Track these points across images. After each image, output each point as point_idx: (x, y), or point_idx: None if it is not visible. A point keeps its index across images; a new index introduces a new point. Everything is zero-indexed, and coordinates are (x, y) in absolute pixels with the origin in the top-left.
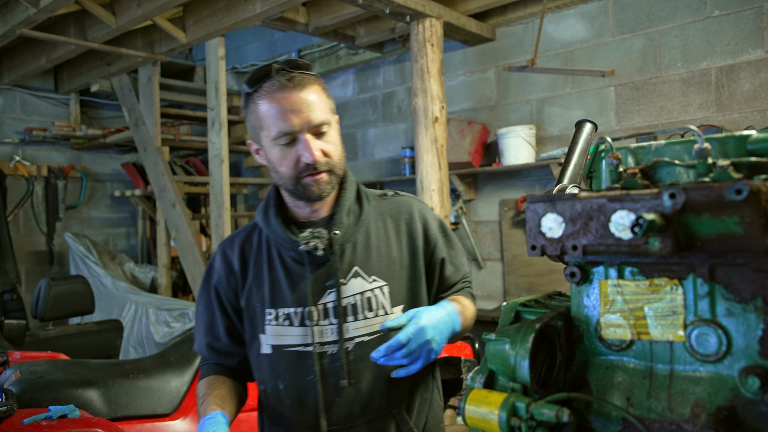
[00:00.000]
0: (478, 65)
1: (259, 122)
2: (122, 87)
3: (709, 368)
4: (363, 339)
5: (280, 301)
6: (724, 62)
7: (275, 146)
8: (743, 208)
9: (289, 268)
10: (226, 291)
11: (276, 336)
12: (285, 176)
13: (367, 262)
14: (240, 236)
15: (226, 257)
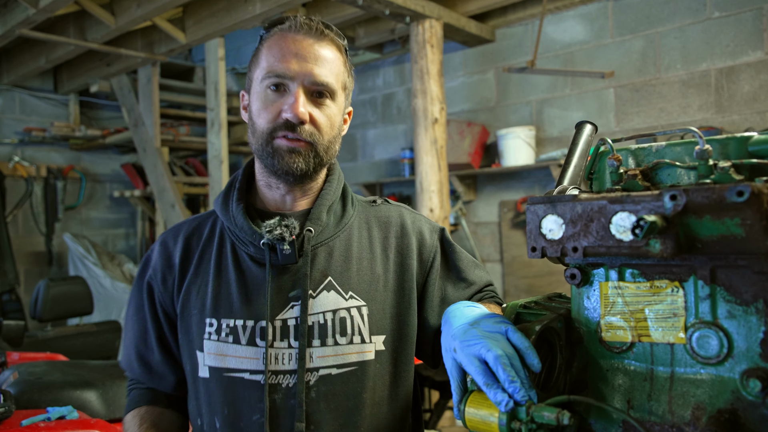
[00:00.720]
0: (478, 66)
1: (256, 62)
2: (122, 87)
3: (710, 371)
4: (330, 372)
5: (226, 310)
6: (724, 64)
7: (260, 90)
8: (744, 210)
9: (243, 268)
10: (160, 291)
11: (216, 355)
12: (259, 132)
13: (344, 274)
14: (188, 225)
15: (166, 249)
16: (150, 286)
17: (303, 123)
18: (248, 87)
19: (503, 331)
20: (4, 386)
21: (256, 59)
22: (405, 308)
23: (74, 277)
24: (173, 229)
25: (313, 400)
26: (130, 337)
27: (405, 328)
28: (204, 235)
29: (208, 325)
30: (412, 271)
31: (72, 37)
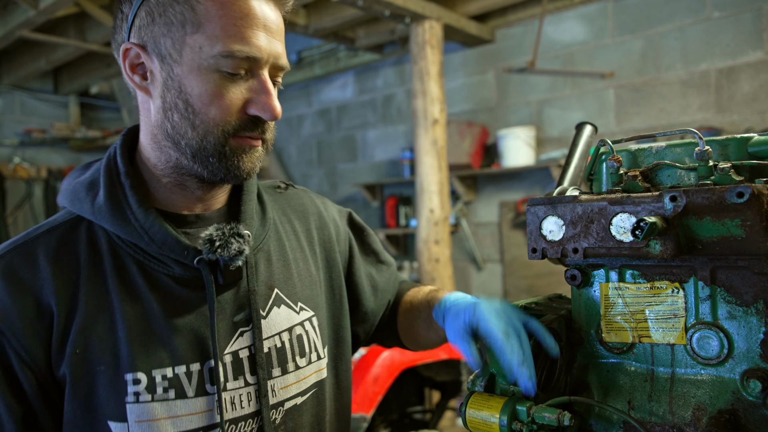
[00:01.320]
0: (478, 67)
1: (193, 15)
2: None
3: (711, 371)
4: (295, 402)
5: (157, 356)
6: (724, 64)
7: (209, 70)
8: (744, 211)
9: (166, 295)
10: (25, 348)
11: (150, 422)
12: (207, 127)
13: (288, 282)
14: (44, 244)
15: (21, 284)
16: (4, 357)
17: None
18: (160, 48)
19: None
20: None
21: (184, 10)
22: (338, 309)
23: None
24: (14, 251)
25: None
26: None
27: (341, 332)
28: (82, 256)
29: (132, 382)
30: (339, 267)
31: (72, 38)
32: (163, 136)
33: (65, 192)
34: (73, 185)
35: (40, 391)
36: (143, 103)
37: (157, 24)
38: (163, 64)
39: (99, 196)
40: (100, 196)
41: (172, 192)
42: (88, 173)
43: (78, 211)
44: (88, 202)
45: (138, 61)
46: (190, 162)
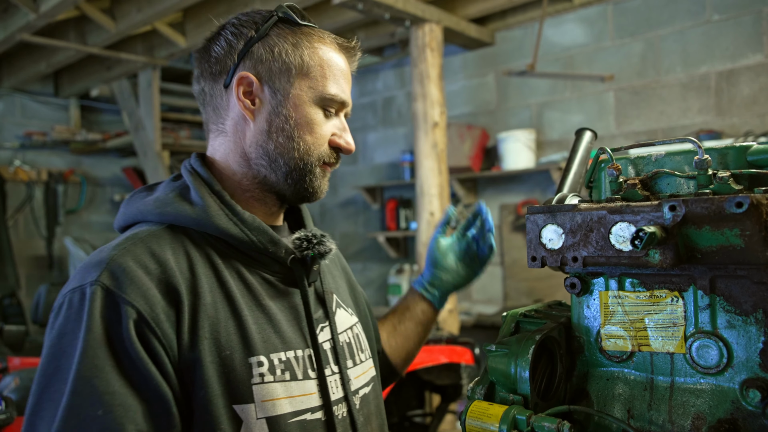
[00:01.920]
0: (478, 69)
1: (307, 63)
2: (122, 91)
3: (710, 380)
4: (365, 391)
5: (271, 341)
6: (724, 67)
7: (313, 107)
8: (744, 220)
9: (267, 288)
10: (166, 339)
11: (273, 401)
12: (306, 151)
13: (339, 290)
14: (155, 242)
15: (152, 273)
16: (144, 338)
17: (350, 153)
18: (274, 82)
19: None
20: (6, 392)
21: (301, 57)
22: (366, 320)
23: None
24: (132, 245)
25: (363, 424)
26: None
27: (371, 342)
28: (192, 253)
29: (256, 365)
30: (356, 289)
31: (72, 41)
32: (259, 155)
33: (140, 210)
34: (152, 202)
35: (175, 375)
36: (238, 124)
37: (275, 62)
38: (274, 95)
39: (197, 203)
40: (201, 203)
41: (254, 203)
42: (162, 191)
43: (172, 221)
44: (185, 210)
45: (250, 89)
46: (280, 180)
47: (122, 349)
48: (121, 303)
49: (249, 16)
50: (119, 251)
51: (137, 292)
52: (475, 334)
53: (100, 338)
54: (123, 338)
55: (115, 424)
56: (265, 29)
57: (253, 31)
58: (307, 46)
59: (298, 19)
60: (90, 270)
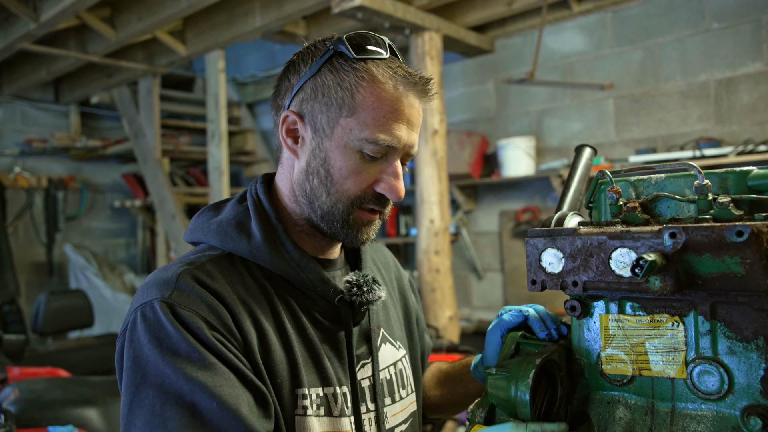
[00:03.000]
0: (478, 77)
1: (351, 102)
2: (122, 99)
3: (711, 406)
4: (402, 428)
5: (311, 376)
6: (723, 75)
7: (353, 150)
8: (744, 249)
9: (314, 324)
10: (237, 342)
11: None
12: (341, 196)
13: (389, 323)
14: (215, 266)
15: (214, 292)
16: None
17: (398, 201)
18: (311, 111)
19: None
20: (5, 404)
21: (346, 95)
22: (416, 351)
23: (75, 290)
24: (195, 267)
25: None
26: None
27: (417, 372)
28: (246, 281)
29: (301, 397)
30: (412, 314)
31: (73, 50)
32: (301, 194)
33: (205, 230)
34: (216, 224)
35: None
36: (288, 160)
37: (318, 101)
38: (315, 134)
39: (255, 236)
40: (257, 236)
41: (304, 237)
42: (227, 213)
43: (231, 249)
44: (243, 241)
45: (294, 127)
46: (318, 220)
47: (210, 347)
48: (192, 314)
49: (314, 49)
50: (183, 272)
51: (204, 306)
52: (476, 341)
53: (186, 343)
54: (203, 340)
55: (232, 410)
56: (316, 65)
57: (308, 67)
58: (360, 83)
59: (354, 52)
60: (155, 288)
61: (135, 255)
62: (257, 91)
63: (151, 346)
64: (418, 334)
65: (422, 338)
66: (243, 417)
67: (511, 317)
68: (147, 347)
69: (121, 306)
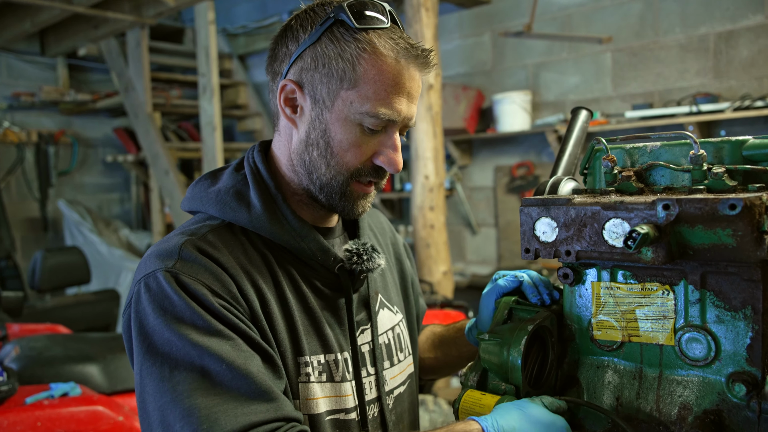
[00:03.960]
0: (474, 29)
1: (352, 74)
2: (110, 51)
3: (698, 372)
4: (400, 390)
5: (313, 344)
6: (723, 28)
7: (353, 123)
8: (736, 222)
9: (315, 292)
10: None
11: (312, 401)
12: (341, 168)
13: (386, 289)
14: (216, 236)
15: (218, 262)
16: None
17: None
18: (311, 81)
19: None
20: (7, 362)
21: (349, 67)
22: (412, 314)
23: (71, 247)
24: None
25: (395, 423)
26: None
27: (414, 333)
28: (248, 250)
29: (303, 365)
30: (409, 279)
31: (57, 0)
32: (300, 164)
33: (204, 199)
34: (215, 194)
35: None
36: (285, 128)
37: (318, 71)
38: (314, 105)
39: (255, 206)
40: (257, 206)
41: (303, 206)
42: (224, 182)
43: (231, 219)
44: (242, 211)
45: (292, 96)
46: (316, 192)
47: (216, 314)
48: (196, 282)
49: (312, 14)
50: (185, 242)
51: (208, 275)
52: (470, 295)
53: (185, 308)
54: (209, 306)
55: (242, 370)
56: (316, 33)
57: (307, 34)
58: (360, 55)
59: (355, 21)
60: (158, 259)
61: (129, 210)
62: (249, 42)
63: (156, 315)
64: (413, 298)
65: (417, 301)
66: (253, 376)
67: (506, 282)
68: (152, 317)
69: (117, 261)
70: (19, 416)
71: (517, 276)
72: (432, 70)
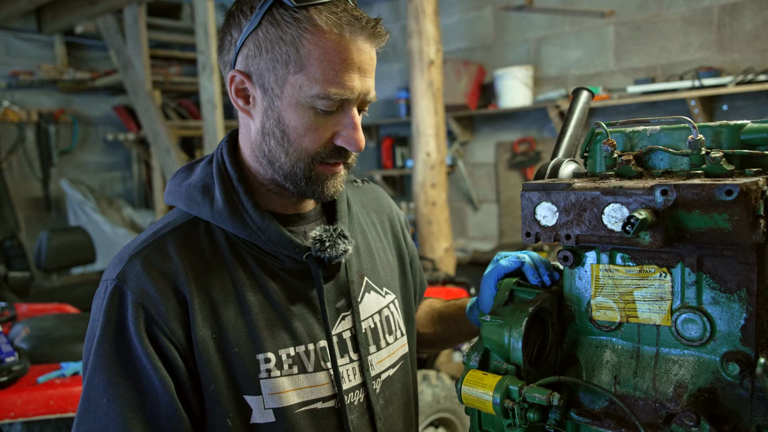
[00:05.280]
0: (475, 3)
1: (297, 57)
2: (108, 28)
3: (693, 352)
4: (389, 373)
5: (282, 338)
6: (727, 0)
7: (305, 107)
8: (733, 207)
9: (281, 285)
10: (171, 330)
11: (281, 394)
12: (300, 155)
13: (374, 270)
14: (171, 240)
15: (161, 273)
16: (154, 338)
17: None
18: (258, 71)
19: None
20: (17, 341)
21: (290, 51)
22: (408, 291)
23: (76, 227)
24: (149, 247)
25: (382, 407)
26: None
27: (410, 311)
28: (205, 252)
29: (263, 361)
30: (407, 255)
31: None
32: (261, 155)
33: (176, 194)
34: (185, 188)
35: (186, 368)
36: (243, 119)
37: (263, 58)
38: (264, 94)
39: (217, 200)
40: (219, 200)
41: (272, 196)
42: (196, 176)
43: (196, 214)
44: (206, 205)
45: (242, 86)
46: (282, 180)
47: (130, 345)
48: (132, 302)
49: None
50: (139, 251)
51: (148, 293)
52: (471, 271)
53: (112, 333)
54: (131, 335)
55: (117, 413)
56: (256, 18)
57: (248, 20)
58: (303, 35)
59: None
60: (116, 266)
61: (131, 189)
62: None
63: (94, 325)
64: (411, 274)
65: (415, 277)
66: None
67: (508, 263)
68: (92, 324)
69: (121, 240)
70: (32, 395)
71: (519, 257)
72: (385, 40)
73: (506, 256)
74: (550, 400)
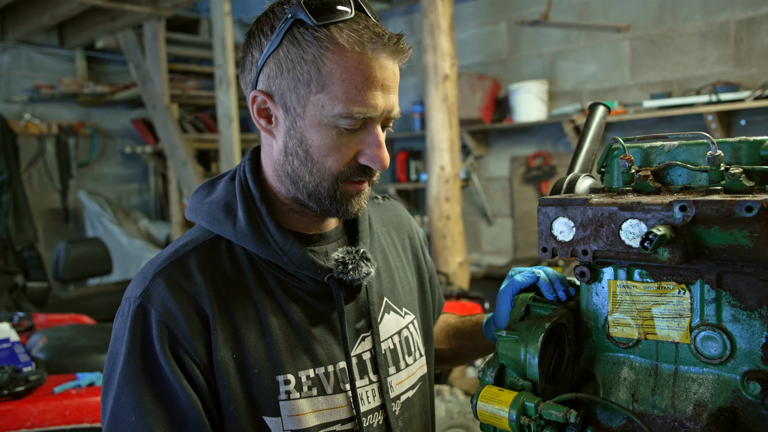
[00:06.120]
0: (490, 17)
1: (318, 76)
2: (128, 43)
3: (713, 370)
4: (408, 395)
5: (302, 360)
6: (745, 14)
7: (328, 127)
8: (753, 223)
9: (302, 306)
10: (193, 349)
11: (299, 416)
12: (324, 174)
13: (394, 291)
14: (194, 259)
15: (184, 292)
16: (179, 358)
17: (383, 170)
18: (280, 91)
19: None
20: (34, 351)
21: (311, 70)
22: (428, 311)
23: (93, 238)
24: (172, 266)
25: (402, 429)
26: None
27: (429, 330)
28: (227, 271)
29: (283, 383)
30: (426, 274)
31: None
32: (284, 174)
33: (198, 210)
34: (207, 205)
35: (208, 387)
36: (266, 139)
37: (284, 78)
38: (287, 114)
39: (239, 219)
40: (241, 220)
41: (294, 215)
42: (218, 193)
43: (218, 232)
44: (228, 224)
45: (264, 107)
46: (306, 199)
47: (157, 363)
48: (156, 321)
49: (272, 16)
50: (162, 269)
51: (171, 312)
52: (485, 286)
53: (138, 351)
54: (157, 353)
55: (146, 430)
56: (277, 37)
57: (268, 39)
58: (324, 54)
59: (314, 18)
60: (139, 284)
61: (148, 201)
62: None
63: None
64: (430, 294)
65: (434, 294)
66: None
67: (523, 278)
68: (116, 342)
69: (138, 252)
70: (48, 405)
71: (534, 272)
72: (407, 55)
73: (521, 272)
74: (567, 417)
